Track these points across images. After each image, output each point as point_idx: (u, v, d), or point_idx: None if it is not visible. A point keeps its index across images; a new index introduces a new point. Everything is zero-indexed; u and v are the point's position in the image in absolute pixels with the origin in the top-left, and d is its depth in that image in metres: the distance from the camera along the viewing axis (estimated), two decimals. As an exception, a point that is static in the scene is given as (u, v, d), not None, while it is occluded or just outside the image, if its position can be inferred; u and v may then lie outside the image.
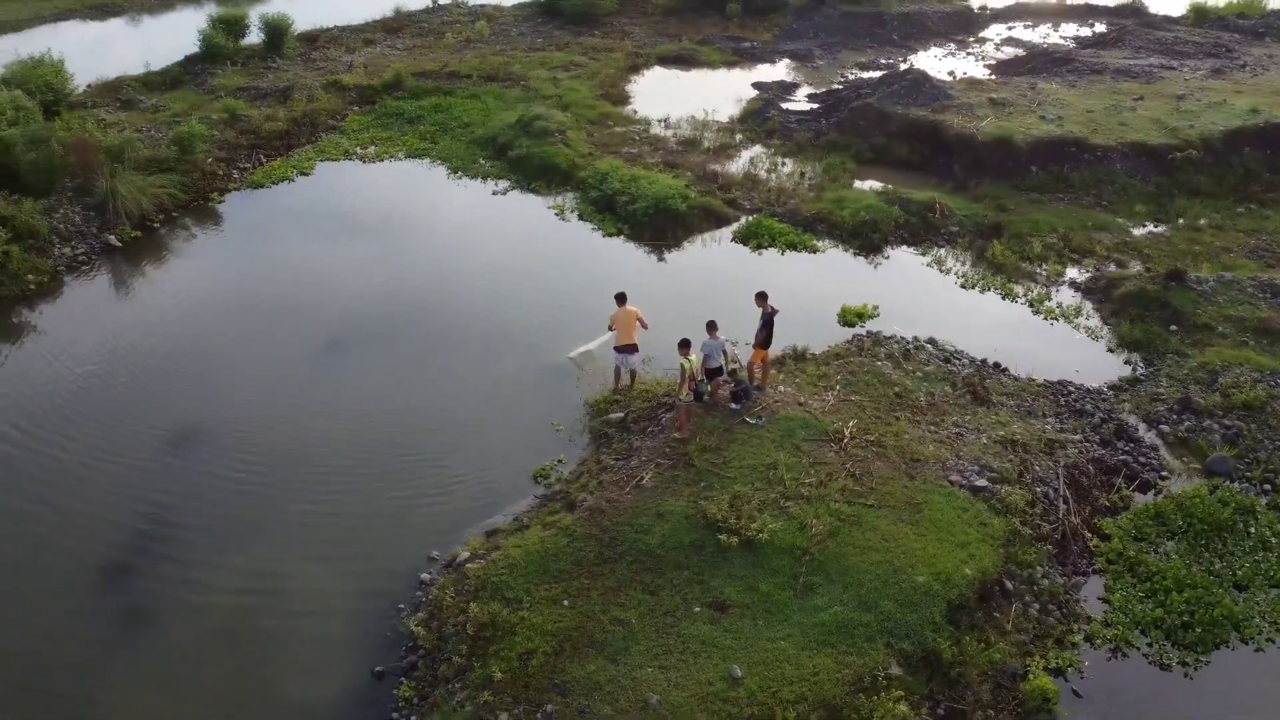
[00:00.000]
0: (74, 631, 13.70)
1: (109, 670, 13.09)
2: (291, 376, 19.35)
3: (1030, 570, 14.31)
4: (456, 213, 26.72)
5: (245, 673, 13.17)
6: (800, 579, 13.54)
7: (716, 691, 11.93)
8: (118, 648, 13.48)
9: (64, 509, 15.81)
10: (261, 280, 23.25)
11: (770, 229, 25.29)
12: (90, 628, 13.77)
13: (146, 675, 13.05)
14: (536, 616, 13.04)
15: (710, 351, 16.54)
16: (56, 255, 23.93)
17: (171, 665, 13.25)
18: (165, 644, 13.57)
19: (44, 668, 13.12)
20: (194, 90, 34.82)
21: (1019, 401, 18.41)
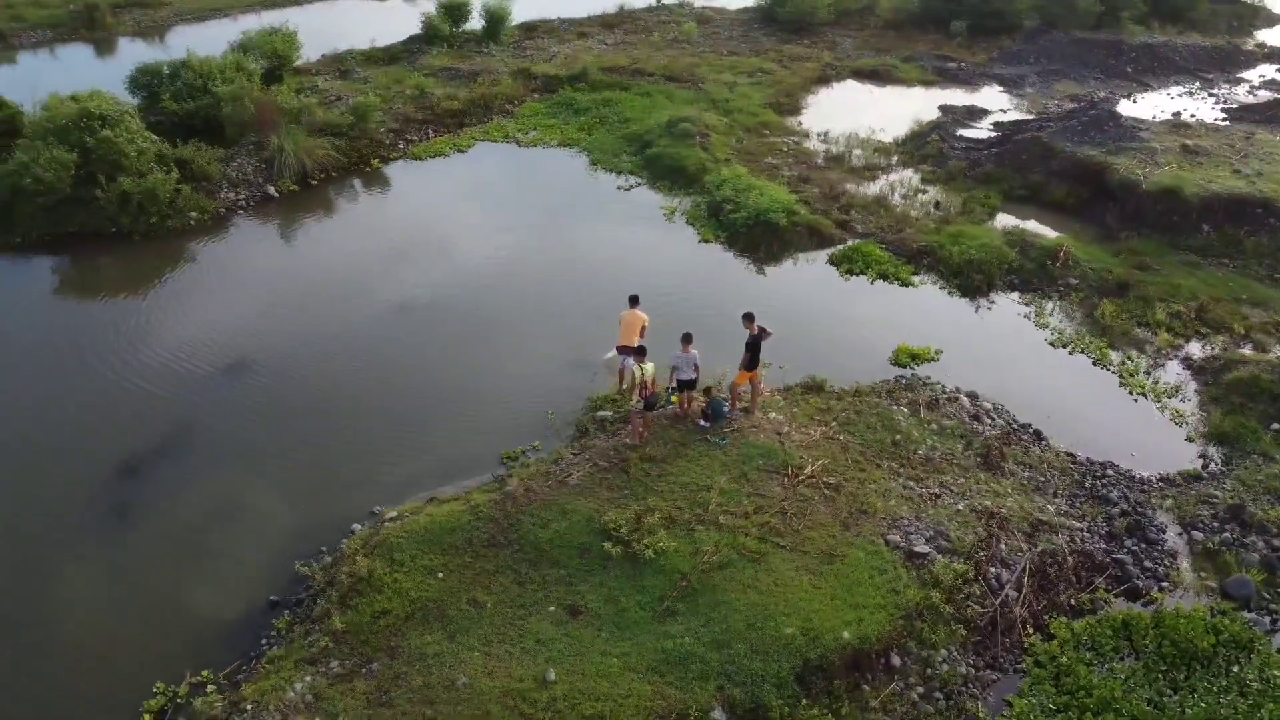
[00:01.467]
0: (68, 510, 15.84)
1: (78, 546, 15.09)
2: (346, 331, 21.02)
3: (932, 651, 13.05)
4: (573, 201, 27.59)
5: (177, 575, 14.69)
6: (665, 602, 13.20)
7: (522, 689, 12.00)
8: (93, 531, 15.48)
9: (109, 413, 18.24)
10: (371, 242, 25.33)
11: (869, 256, 24.16)
12: (81, 510, 15.86)
13: (104, 557, 14.91)
14: (407, 581, 13.63)
15: (679, 364, 16.32)
16: (221, 198, 27.26)
17: (124, 555, 15.08)
18: (130, 537, 15.41)
19: (31, 533, 15.30)
20: (405, 67, 38.05)
21: (1035, 474, 16.64)
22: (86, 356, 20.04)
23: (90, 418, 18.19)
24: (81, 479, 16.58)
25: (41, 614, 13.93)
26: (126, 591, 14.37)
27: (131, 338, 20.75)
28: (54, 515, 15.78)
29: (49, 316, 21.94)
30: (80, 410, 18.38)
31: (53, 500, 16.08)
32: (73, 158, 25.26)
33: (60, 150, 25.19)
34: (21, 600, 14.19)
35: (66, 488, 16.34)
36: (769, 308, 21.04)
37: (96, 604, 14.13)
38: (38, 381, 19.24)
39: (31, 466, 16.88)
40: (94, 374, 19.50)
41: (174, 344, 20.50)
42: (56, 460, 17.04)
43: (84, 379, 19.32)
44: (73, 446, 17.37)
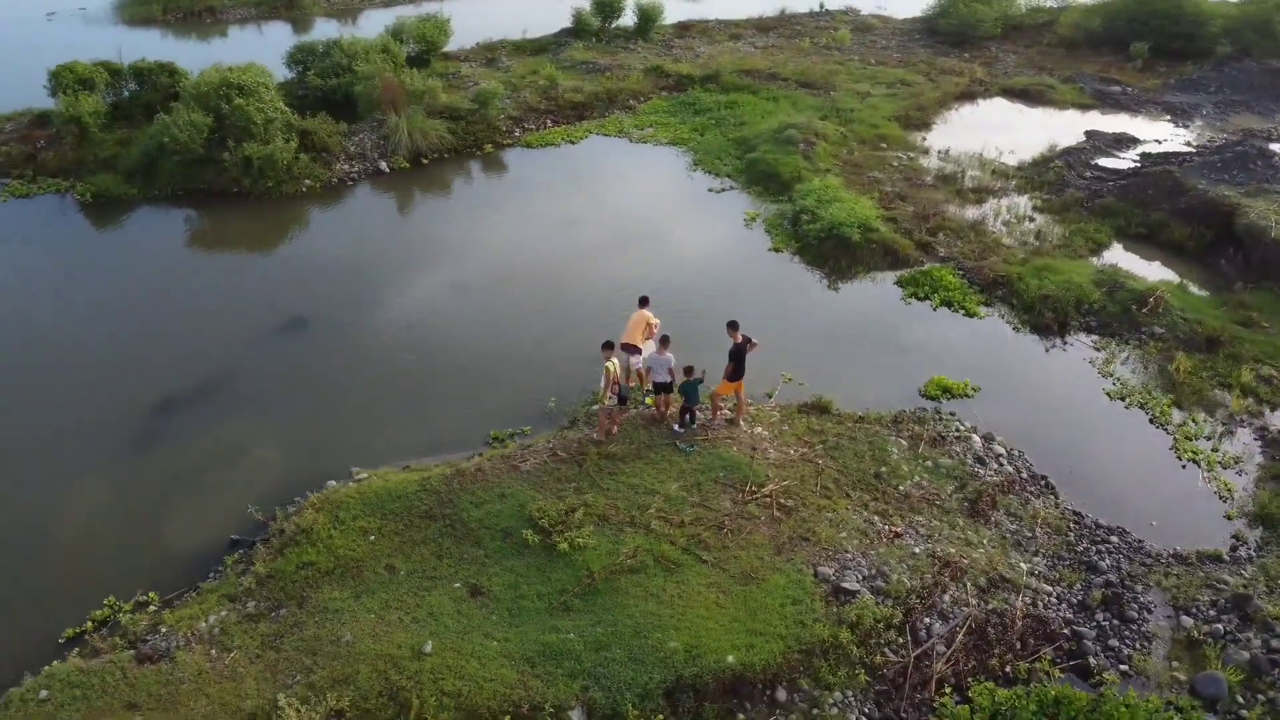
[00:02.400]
0: (99, 431, 17.62)
1: (94, 463, 16.77)
2: (400, 303, 22.08)
3: (825, 693, 12.45)
4: (659, 199, 27.71)
5: (165, 504, 16.03)
6: (564, 597, 13.25)
7: (397, 655, 12.41)
8: (110, 453, 17.15)
9: (166, 352, 20.12)
10: (450, 221, 26.51)
11: (939, 281, 22.95)
12: (110, 433, 17.60)
13: (110, 478, 16.51)
14: (340, 539, 14.35)
15: (655, 366, 16.22)
16: (336, 169, 29.23)
17: (128, 479, 16.62)
18: (139, 463, 16.98)
19: (61, 445, 17.13)
20: (549, 59, 39.27)
21: (1022, 529, 15.42)
22: (169, 299, 22.12)
23: (149, 354, 20.07)
24: (121, 407, 18.34)
25: (40, 513, 15.55)
26: (117, 511, 15.82)
27: (210, 288, 22.71)
28: (86, 433, 17.56)
29: (155, 260, 24.30)
30: (143, 345, 20.31)
31: (91, 420, 17.90)
32: (208, 121, 27.77)
33: (198, 114, 27.73)
34: (29, 495, 15.87)
35: (106, 412, 18.13)
36: (815, 323, 20.86)
37: (87, 516, 15.66)
38: (119, 316, 21.42)
39: (86, 388, 18.83)
40: (166, 316, 21.49)
41: (243, 297, 22.28)
42: (108, 386, 18.92)
43: (156, 319, 21.33)
44: (125, 377, 19.21)
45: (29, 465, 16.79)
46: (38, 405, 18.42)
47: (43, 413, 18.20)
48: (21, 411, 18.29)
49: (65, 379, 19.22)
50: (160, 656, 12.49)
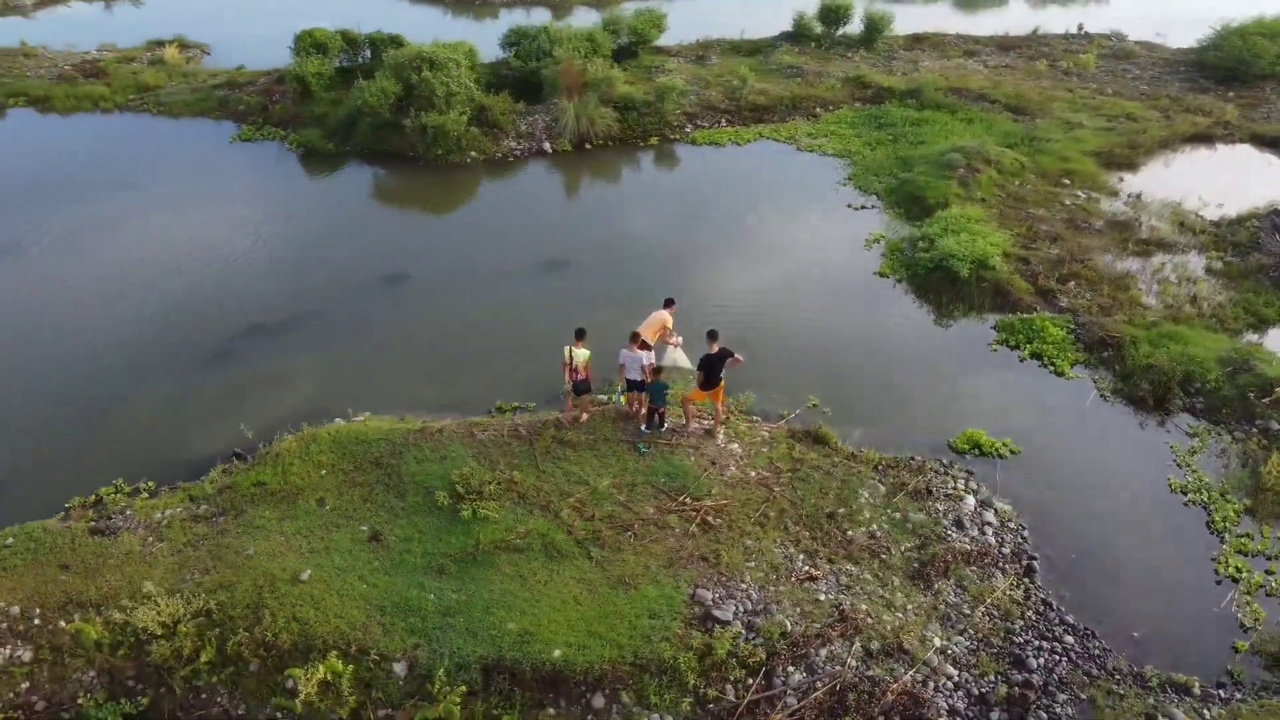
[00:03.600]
0: (190, 342, 20.33)
1: (174, 370, 19.47)
2: (491, 276, 23.26)
3: (644, 711, 12.23)
4: (791, 209, 27.05)
5: (211, 407, 18.25)
6: (443, 560, 13.88)
7: (277, 577, 13.63)
8: (192, 363, 19.72)
9: (273, 286, 22.72)
10: (582, 205, 27.70)
11: (1040, 332, 20.90)
12: (195, 346, 20.24)
13: (180, 381, 19.04)
14: (297, 468, 15.83)
15: (627, 363, 16.28)
16: (503, 145, 31.20)
17: (200, 378, 19.10)
18: (209, 375, 19.37)
19: (154, 350, 20.01)
20: (760, 60, 39.30)
21: (964, 604, 14.04)
22: (308, 240, 24.88)
23: (263, 286, 22.69)
24: (218, 327, 20.93)
25: (110, 399, 18.29)
26: (166, 409, 18.24)
27: (346, 237, 25.24)
28: (185, 342, 20.27)
29: (320, 206, 27.29)
30: (263, 278, 23.01)
31: (194, 331, 20.60)
32: (397, 90, 30.60)
33: (390, 82, 30.65)
34: (109, 381, 18.72)
35: (206, 327, 20.77)
36: (878, 354, 20.00)
37: (142, 407, 18.18)
38: (252, 250, 24.37)
39: (197, 307, 21.65)
40: (297, 255, 24.14)
41: (367, 249, 24.53)
42: (218, 308, 21.61)
43: (287, 257, 24.05)
44: (235, 302, 21.85)
45: (124, 357, 19.68)
46: (158, 312, 21.43)
47: (159, 319, 21.17)
48: (149, 314, 21.33)
49: (188, 299, 22.18)
50: (109, 533, 14.46)
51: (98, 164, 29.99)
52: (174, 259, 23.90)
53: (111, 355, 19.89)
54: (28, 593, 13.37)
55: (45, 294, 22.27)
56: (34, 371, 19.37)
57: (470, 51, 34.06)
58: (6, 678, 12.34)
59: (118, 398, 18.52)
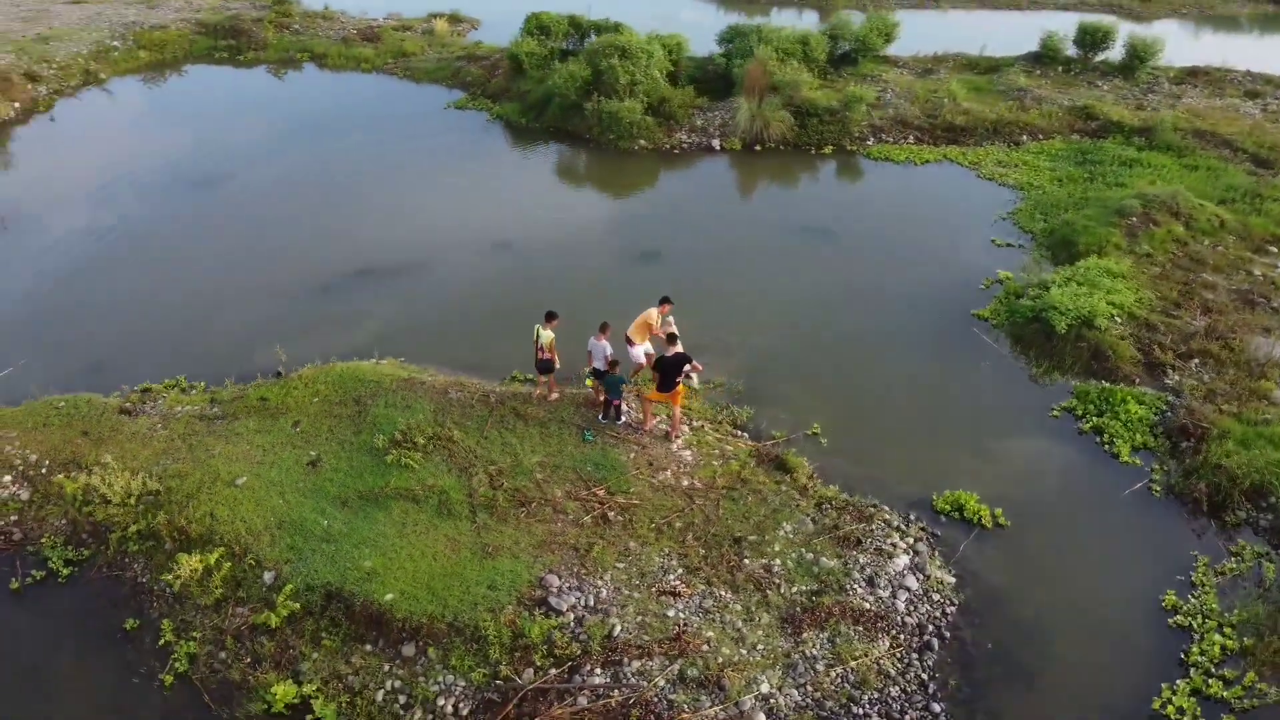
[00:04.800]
0: (322, 271, 23.15)
1: (299, 290, 22.23)
2: (585, 263, 24.28)
3: (442, 670, 12.88)
4: (922, 238, 25.53)
5: (290, 328, 20.59)
6: (349, 494, 15.22)
7: (220, 476, 15.62)
8: (314, 288, 22.42)
9: (395, 237, 25.17)
10: (712, 203, 27.84)
11: (1117, 405, 18.55)
12: (324, 274, 23.02)
13: (293, 298, 21.68)
14: (299, 392, 17.80)
15: (593, 350, 16.66)
16: (674, 137, 32.00)
17: (298, 303, 21.65)
18: (315, 299, 21.86)
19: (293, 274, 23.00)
20: (990, 79, 37.04)
21: (822, 657, 13.27)
22: (450, 201, 27.22)
23: (391, 233, 25.19)
24: (337, 264, 23.59)
25: (218, 310, 21.35)
26: (254, 321, 20.86)
27: (485, 199, 27.28)
28: (301, 274, 23.09)
29: (483, 168, 29.48)
30: (393, 226, 25.55)
31: (315, 266, 23.46)
32: (586, 74, 32.32)
33: (580, 67, 32.44)
34: (226, 298, 21.82)
35: (329, 263, 23.55)
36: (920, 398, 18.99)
37: (238, 323, 21.00)
38: (403, 200, 26.99)
39: (333, 245, 24.51)
40: (431, 211, 26.50)
41: (494, 215, 26.34)
42: (349, 248, 24.34)
43: (427, 212, 26.41)
44: (363, 245, 24.48)
45: (251, 278, 22.78)
46: (299, 245, 24.52)
47: (297, 251, 24.20)
48: (294, 245, 24.48)
49: (327, 236, 25.18)
50: (132, 415, 17.21)
51: (330, 114, 34.33)
52: (339, 201, 27.02)
53: (244, 274, 23.03)
54: (49, 447, 16.30)
55: (228, 218, 26.14)
56: (173, 276, 22.92)
57: (679, 45, 34.89)
58: (1, 508, 15.19)
59: (225, 309, 21.48)
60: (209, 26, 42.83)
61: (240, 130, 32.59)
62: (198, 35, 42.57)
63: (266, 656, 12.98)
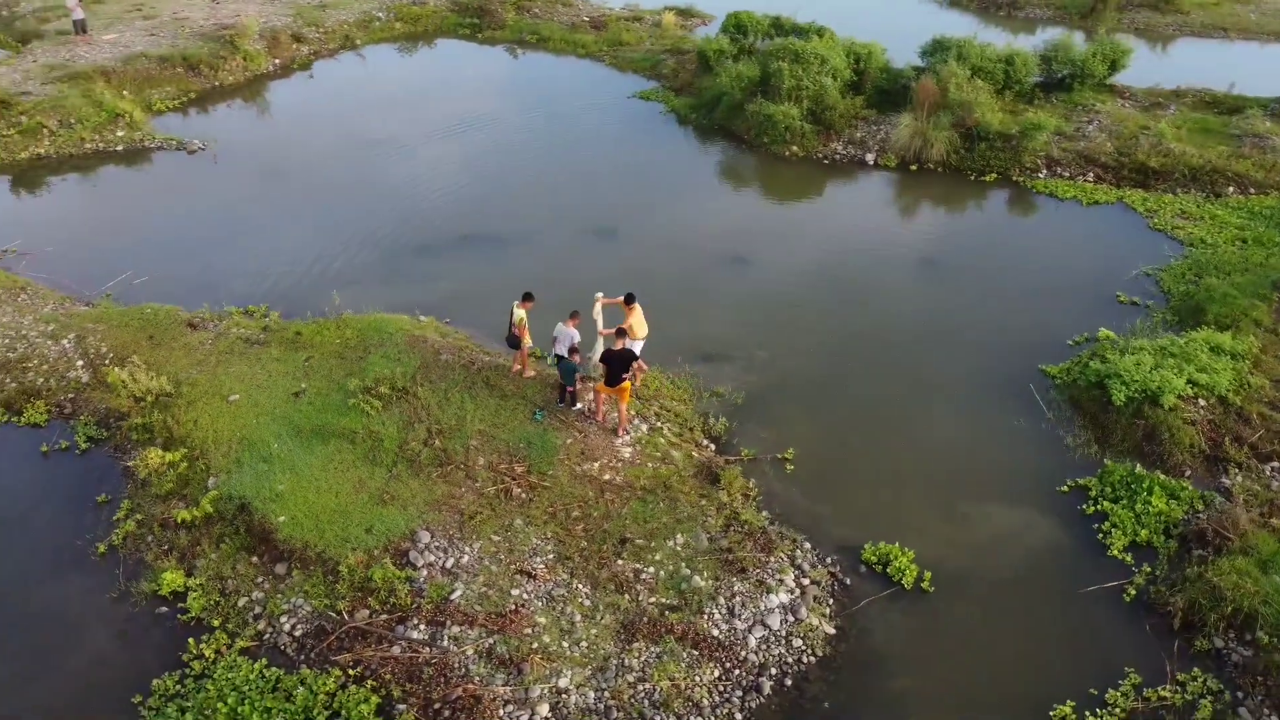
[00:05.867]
0: (402, 241, 25.30)
1: (372, 258, 24.57)
2: (689, 258, 24.65)
3: (293, 594, 14.15)
4: (1032, 285, 23.41)
5: (367, 283, 23.15)
6: (306, 426, 16.88)
7: (221, 392, 17.83)
8: (389, 254, 24.74)
9: (527, 215, 26.70)
10: (825, 221, 27.03)
11: (1141, 492, 16.40)
12: (407, 244, 25.12)
13: (365, 265, 23.99)
14: (327, 334, 19.68)
15: (559, 336, 17.14)
16: (828, 147, 31.27)
17: (369, 267, 24.05)
18: (389, 263, 24.05)
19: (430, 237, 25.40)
20: (1226, 121, 32.92)
21: (631, 674, 13.21)
22: (579, 181, 28.42)
23: (507, 205, 26.85)
24: (443, 227, 25.59)
25: (329, 254, 24.00)
26: (343, 273, 23.31)
27: (611, 185, 28.28)
28: (411, 232, 25.30)
29: (624, 155, 30.35)
30: (510, 200, 27.16)
31: (422, 226, 25.61)
32: (753, 75, 32.38)
33: (749, 68, 32.54)
34: (338, 245, 24.48)
35: (437, 225, 25.63)
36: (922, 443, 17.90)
37: (334, 267, 23.55)
38: (537, 175, 28.57)
39: (452, 208, 26.57)
40: (555, 189, 27.82)
41: (601, 203, 27.27)
42: (464, 212, 26.34)
43: (552, 189, 27.86)
44: (475, 213, 26.33)
45: (368, 232, 25.29)
46: (422, 208, 26.71)
47: (418, 212, 26.43)
48: (417, 207, 26.70)
49: (448, 201, 27.22)
50: (194, 329, 19.95)
51: (523, 91, 36.58)
52: (473, 169, 29.11)
53: (360, 225, 25.49)
54: (119, 343, 19.33)
55: (379, 174, 28.91)
56: (304, 220, 25.82)
57: (869, 54, 33.88)
58: (62, 391, 18.28)
59: (331, 254, 24.01)
60: (460, 4, 46.76)
61: (435, 99, 35.61)
62: (450, 12, 46.59)
63: (178, 547, 14.82)
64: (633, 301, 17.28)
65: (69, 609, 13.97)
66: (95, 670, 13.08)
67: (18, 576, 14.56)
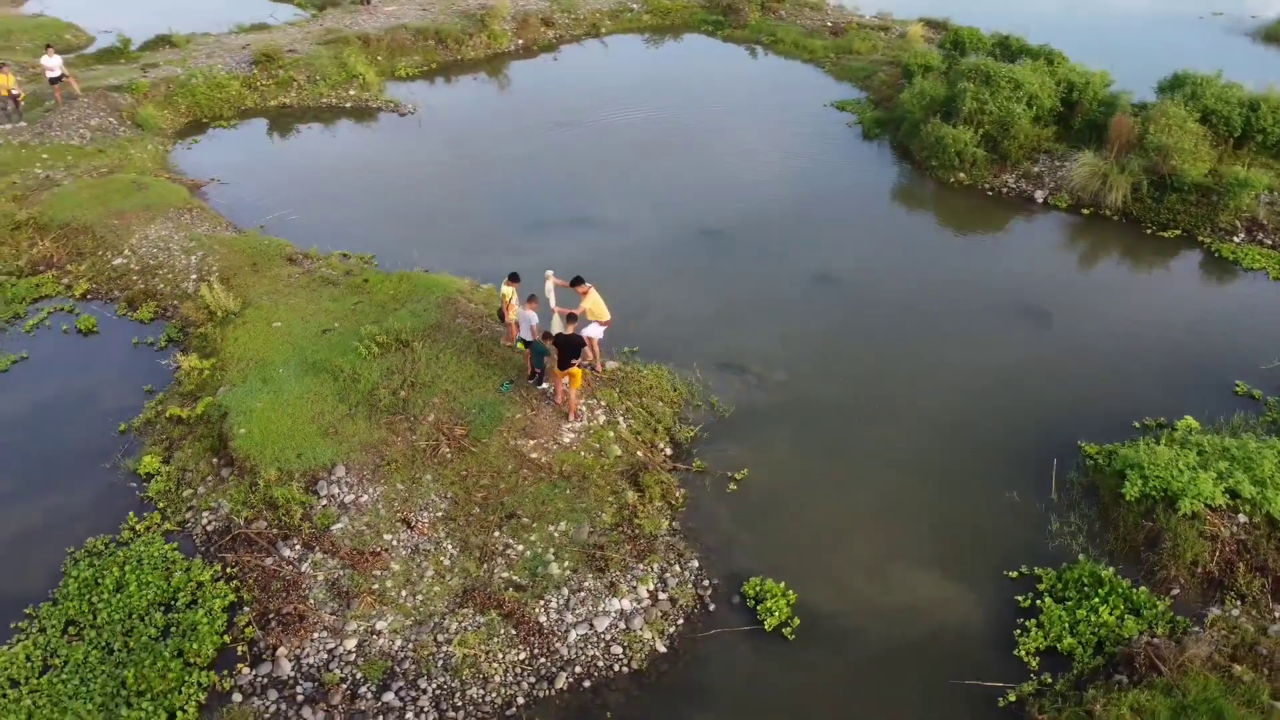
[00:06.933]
0: (526, 217, 27.05)
1: (490, 227, 26.48)
2: (780, 289, 24.56)
3: (222, 493, 16.19)
4: (1136, 354, 20.63)
5: (452, 246, 25.15)
6: (312, 356, 18.92)
7: (269, 315, 20.40)
8: (510, 228, 26.53)
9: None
10: (929, 262, 25.28)
11: (1093, 594, 14.54)
12: (526, 220, 26.72)
13: (478, 233, 25.96)
14: (387, 285, 21.59)
15: (520, 320, 17.65)
16: (1000, 178, 28.88)
17: (479, 235, 26.04)
18: (499, 232, 25.93)
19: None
20: None
21: (447, 644, 13.90)
22: (721, 178, 28.72)
23: (630, 194, 27.80)
24: (569, 203, 27.07)
25: (429, 225, 26.35)
26: (441, 241, 25.46)
27: (729, 191, 28.26)
28: (536, 209, 26.96)
29: (782, 165, 30.14)
30: (643, 190, 28.04)
31: (548, 204, 27.26)
32: (939, 94, 30.85)
33: (934, 86, 31.05)
34: (457, 220, 26.80)
35: (565, 202, 27.19)
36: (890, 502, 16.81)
37: (443, 233, 25.77)
38: (683, 166, 29.22)
39: (592, 193, 27.93)
40: (695, 184, 28.33)
41: (724, 206, 27.33)
42: (607, 196, 27.70)
43: (711, 183, 28.45)
44: (608, 199, 27.55)
45: (498, 207, 27.32)
46: (552, 189, 28.27)
47: (551, 195, 27.97)
48: (548, 191, 28.26)
49: (587, 187, 28.50)
50: (294, 263, 22.77)
51: (726, 89, 36.78)
52: (631, 160, 30.10)
53: (494, 202, 27.45)
54: (228, 265, 22.46)
55: (549, 153, 30.73)
56: (458, 189, 28.25)
57: (1087, 82, 30.94)
58: (172, 297, 21.73)
59: (457, 220, 26.13)
60: (712, 0, 47.76)
61: (638, 88, 36.82)
62: (701, 7, 47.75)
63: (170, 438, 17.35)
64: (582, 283, 17.50)
65: (73, 466, 16.82)
66: (56, 513, 15.75)
67: (55, 432, 17.73)
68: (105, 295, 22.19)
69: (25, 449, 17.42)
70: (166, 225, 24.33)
